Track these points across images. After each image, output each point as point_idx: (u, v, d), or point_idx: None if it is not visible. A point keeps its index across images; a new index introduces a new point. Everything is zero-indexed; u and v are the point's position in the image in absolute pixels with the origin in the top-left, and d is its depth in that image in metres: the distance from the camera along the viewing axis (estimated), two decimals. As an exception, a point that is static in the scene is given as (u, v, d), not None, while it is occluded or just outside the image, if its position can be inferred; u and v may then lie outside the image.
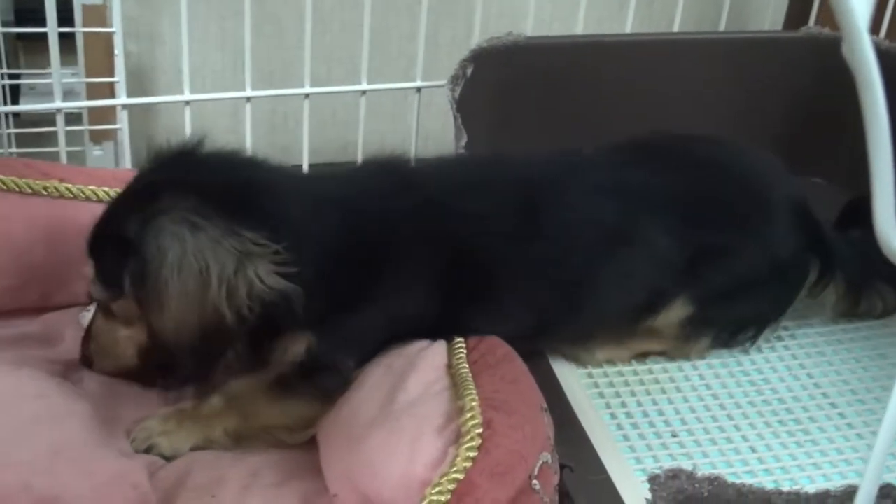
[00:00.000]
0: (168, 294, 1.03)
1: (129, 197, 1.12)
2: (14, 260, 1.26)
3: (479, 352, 1.16)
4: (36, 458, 1.02)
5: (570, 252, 1.26)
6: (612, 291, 1.30)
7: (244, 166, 1.17)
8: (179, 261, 1.02)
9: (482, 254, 1.22)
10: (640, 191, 1.30)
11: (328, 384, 1.15)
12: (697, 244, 1.29)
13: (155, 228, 1.03)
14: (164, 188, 1.07)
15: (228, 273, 1.03)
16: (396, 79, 2.07)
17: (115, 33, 1.55)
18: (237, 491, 1.08)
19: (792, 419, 1.28)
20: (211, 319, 1.04)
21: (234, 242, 1.04)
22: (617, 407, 1.29)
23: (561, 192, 1.28)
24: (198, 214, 1.03)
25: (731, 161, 1.39)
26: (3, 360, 1.17)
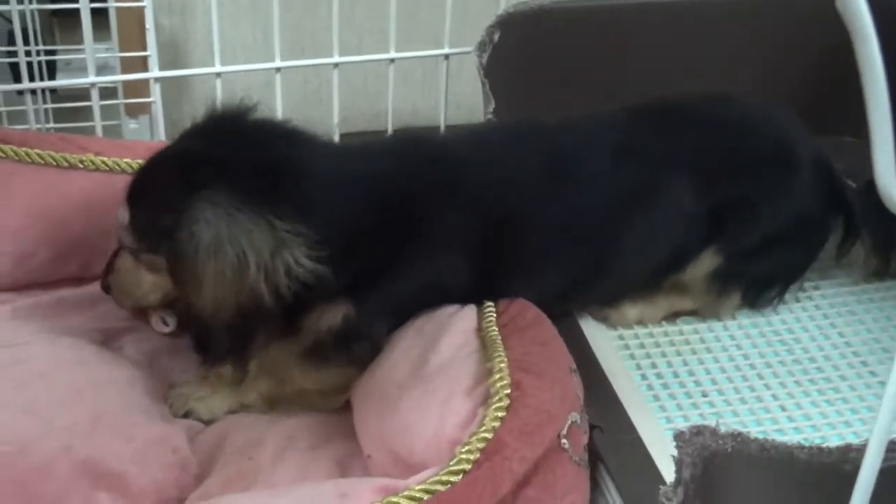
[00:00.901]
0: (206, 277, 1.05)
1: (172, 165, 1.12)
2: (53, 232, 1.29)
3: (509, 315, 1.17)
4: (77, 423, 1.05)
5: (597, 211, 1.28)
6: (639, 248, 1.31)
7: (281, 141, 1.17)
8: (216, 248, 1.04)
9: (512, 218, 1.23)
10: (661, 149, 1.31)
11: (362, 352, 1.17)
12: (721, 198, 1.30)
13: (191, 216, 1.04)
14: (205, 169, 1.08)
15: (265, 258, 1.05)
16: (426, 46, 2.07)
17: (145, 7, 1.56)
18: (273, 453, 1.10)
19: (822, 377, 1.29)
20: (248, 300, 1.06)
21: (267, 232, 1.05)
22: (647, 367, 1.30)
23: (585, 153, 1.29)
24: (232, 201, 1.05)
25: (750, 118, 1.39)
26: (44, 328, 1.20)
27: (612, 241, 1.29)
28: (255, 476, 1.07)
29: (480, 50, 1.53)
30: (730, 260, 1.32)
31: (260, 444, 1.12)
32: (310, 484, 1.04)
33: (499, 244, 1.23)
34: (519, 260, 1.25)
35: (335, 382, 1.18)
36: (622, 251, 1.30)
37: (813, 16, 1.71)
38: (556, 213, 1.26)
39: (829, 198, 1.37)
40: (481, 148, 1.30)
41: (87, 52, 1.48)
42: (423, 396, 1.05)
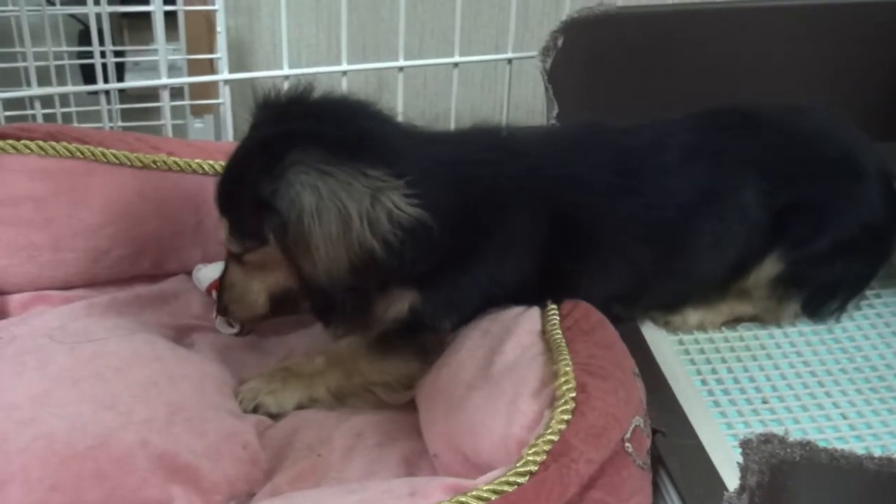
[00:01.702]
0: (314, 240, 1.07)
1: (254, 153, 1.14)
2: (128, 230, 1.33)
3: (573, 318, 1.19)
4: (153, 417, 1.08)
5: (665, 211, 1.29)
6: (705, 250, 1.33)
7: (354, 110, 1.19)
8: (318, 207, 1.06)
9: (584, 216, 1.26)
10: (729, 153, 1.32)
11: (426, 343, 1.20)
12: (787, 203, 1.32)
13: (287, 183, 1.07)
14: (288, 142, 1.10)
15: (366, 207, 1.07)
16: (487, 48, 2.09)
17: (216, 11, 1.59)
18: (342, 450, 1.13)
19: (884, 386, 1.29)
20: (360, 254, 1.08)
21: (363, 181, 1.07)
22: (708, 373, 1.31)
23: (655, 154, 1.31)
24: (324, 162, 1.07)
25: (818, 127, 1.40)
26: (119, 324, 1.23)
27: (678, 241, 1.31)
28: (325, 472, 1.10)
29: (544, 55, 1.55)
30: (793, 266, 1.33)
31: (328, 441, 1.15)
32: (379, 481, 1.06)
33: (569, 242, 1.25)
34: (588, 258, 1.27)
35: (400, 374, 1.21)
36: (689, 252, 1.32)
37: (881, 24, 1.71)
38: (626, 212, 1.28)
39: (891, 213, 1.38)
40: (554, 146, 1.33)
41: (159, 54, 1.52)
42: (489, 397, 1.07)
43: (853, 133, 1.40)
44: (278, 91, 1.20)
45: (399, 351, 1.21)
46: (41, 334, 1.20)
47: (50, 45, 1.60)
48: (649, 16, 1.67)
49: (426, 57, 2.09)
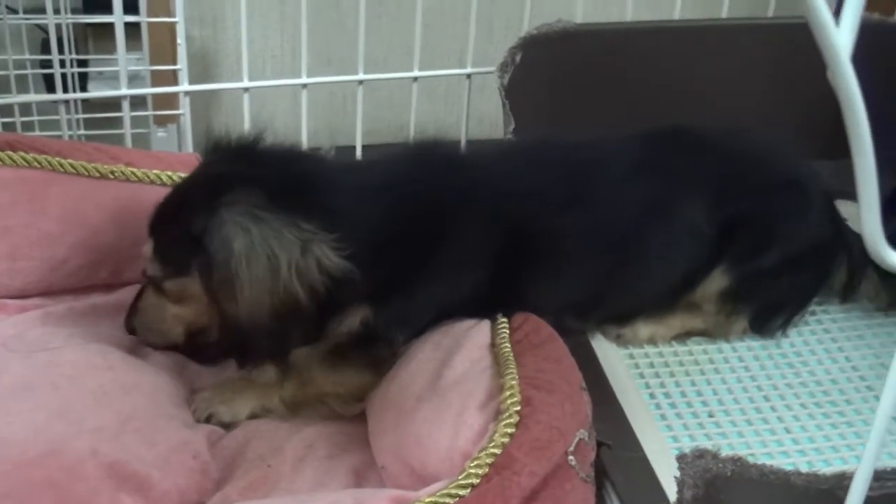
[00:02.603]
0: (239, 283, 1.09)
1: (194, 188, 1.18)
2: (86, 240, 1.34)
3: (523, 332, 1.20)
4: (104, 426, 1.09)
5: (615, 225, 1.32)
6: (654, 263, 1.36)
7: (299, 160, 1.23)
8: (248, 251, 1.08)
9: (535, 229, 1.28)
10: (676, 170, 1.36)
11: (379, 355, 1.22)
12: (733, 218, 1.35)
13: (220, 222, 1.09)
14: (228, 183, 1.13)
15: (296, 257, 1.09)
16: (451, 62, 2.11)
17: (178, 23, 1.60)
18: (292, 462, 1.14)
19: (828, 400, 1.32)
20: (284, 301, 1.11)
21: (295, 231, 1.10)
22: (656, 387, 1.33)
23: (605, 170, 1.34)
24: (259, 207, 1.10)
25: (765, 149, 1.43)
26: (75, 334, 1.24)
27: (628, 254, 1.34)
28: (275, 483, 1.11)
29: (502, 70, 1.57)
30: (740, 281, 1.36)
31: (279, 451, 1.16)
32: (327, 493, 1.07)
33: (521, 254, 1.27)
34: (540, 270, 1.29)
35: (353, 385, 1.22)
36: (638, 264, 1.35)
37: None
38: (576, 225, 1.30)
39: (834, 233, 1.41)
40: (503, 161, 1.35)
41: (120, 65, 1.53)
42: (437, 410, 1.09)
43: (795, 155, 1.44)
44: (229, 136, 1.22)
45: (352, 363, 1.22)
46: (-4, 343, 1.21)
47: (10, 53, 1.60)
48: (607, 33, 1.69)
49: (391, 69, 2.11)
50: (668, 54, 1.71)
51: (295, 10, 2.04)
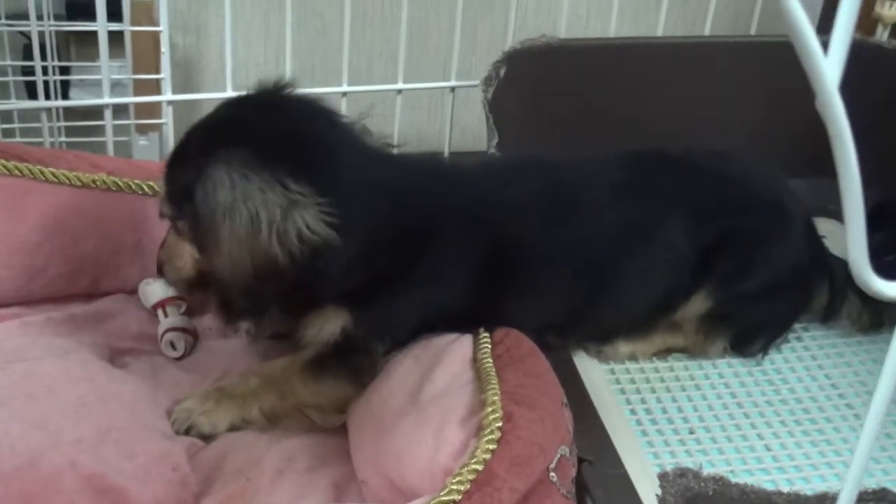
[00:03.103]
0: (221, 236, 1.10)
1: (200, 131, 1.18)
2: (66, 248, 1.33)
3: (504, 346, 1.20)
4: (83, 438, 1.08)
5: (596, 243, 1.33)
6: (634, 283, 1.36)
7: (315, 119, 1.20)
8: (230, 207, 1.09)
9: (518, 245, 1.28)
10: (658, 192, 1.36)
11: (359, 366, 1.21)
12: (715, 243, 1.35)
13: (206, 176, 1.10)
14: (226, 134, 1.14)
15: (276, 218, 1.09)
16: (435, 73, 2.12)
17: (161, 31, 1.60)
18: (272, 475, 1.13)
19: (808, 418, 1.32)
20: (263, 259, 1.10)
21: (280, 192, 1.10)
22: (637, 403, 1.33)
23: (588, 190, 1.35)
24: (247, 164, 1.09)
25: (747, 173, 1.44)
26: (54, 344, 1.23)
27: (608, 273, 1.34)
28: (253, 496, 1.10)
29: (486, 84, 1.57)
30: (721, 303, 1.36)
31: (259, 464, 1.15)
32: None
33: (504, 270, 1.27)
34: (522, 286, 1.29)
35: (333, 396, 1.22)
36: (618, 283, 1.35)
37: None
38: (559, 243, 1.31)
39: (815, 257, 1.43)
40: (493, 176, 1.36)
41: (103, 73, 1.52)
42: (417, 424, 1.08)
43: (778, 178, 1.45)
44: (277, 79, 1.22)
45: (332, 373, 1.22)
46: (-27, 352, 1.20)
47: (-6, 59, 1.60)
48: (590, 48, 1.70)
49: (374, 80, 2.11)
50: (651, 70, 1.72)
51: (279, 20, 2.03)
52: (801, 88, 1.83)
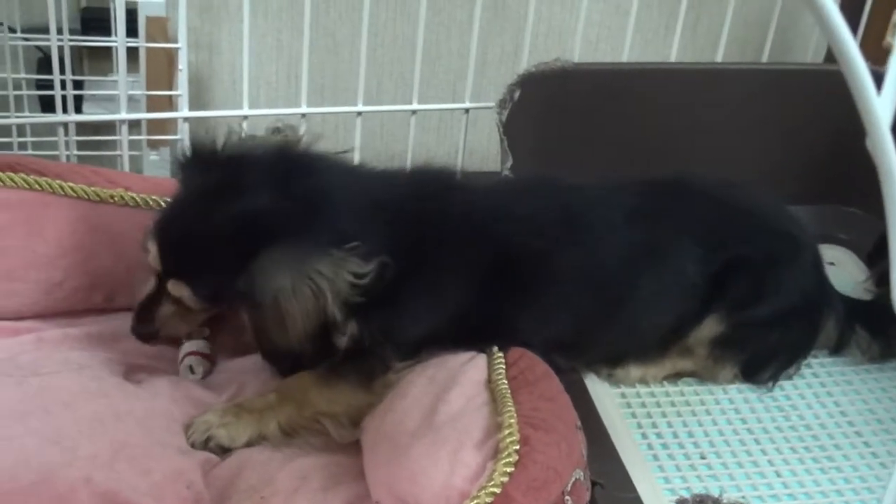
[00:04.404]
0: (289, 316, 1.15)
1: (219, 231, 1.19)
2: (82, 263, 1.33)
3: (518, 368, 1.21)
4: (98, 454, 1.08)
5: (608, 265, 1.34)
6: (644, 306, 1.37)
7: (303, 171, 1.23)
8: (294, 292, 1.14)
9: (529, 261, 1.29)
10: (670, 217, 1.38)
11: (371, 371, 1.23)
12: (725, 268, 1.36)
13: (265, 278, 1.14)
14: (256, 225, 1.17)
15: (334, 282, 1.15)
16: (444, 94, 2.13)
17: (179, 49, 1.61)
18: (286, 493, 1.13)
19: (817, 445, 1.33)
20: (325, 321, 1.16)
21: (327, 258, 1.15)
22: (648, 427, 1.33)
23: (601, 211, 1.36)
24: (293, 249, 1.15)
25: (758, 201, 1.46)
26: (70, 359, 1.23)
27: (619, 295, 1.35)
28: (267, 514, 1.11)
29: (501, 107, 1.58)
30: (733, 329, 1.37)
31: (272, 482, 1.15)
32: (322, 526, 1.07)
33: (513, 285, 1.28)
34: (531, 303, 1.30)
35: (347, 403, 1.23)
36: (628, 306, 1.36)
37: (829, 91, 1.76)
38: (570, 262, 1.32)
39: (823, 290, 1.45)
40: (505, 192, 1.39)
41: (120, 88, 1.53)
42: (432, 446, 1.08)
43: (786, 210, 1.47)
44: (207, 145, 1.24)
45: (345, 378, 1.23)
46: (-12, 366, 1.20)
47: (10, 72, 1.60)
48: (605, 73, 1.71)
49: (384, 99, 2.13)
50: (665, 96, 1.73)
51: (291, 38, 2.05)
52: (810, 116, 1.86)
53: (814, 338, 1.46)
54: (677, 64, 1.83)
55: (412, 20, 1.73)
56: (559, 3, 2.11)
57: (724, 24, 1.88)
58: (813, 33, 2.05)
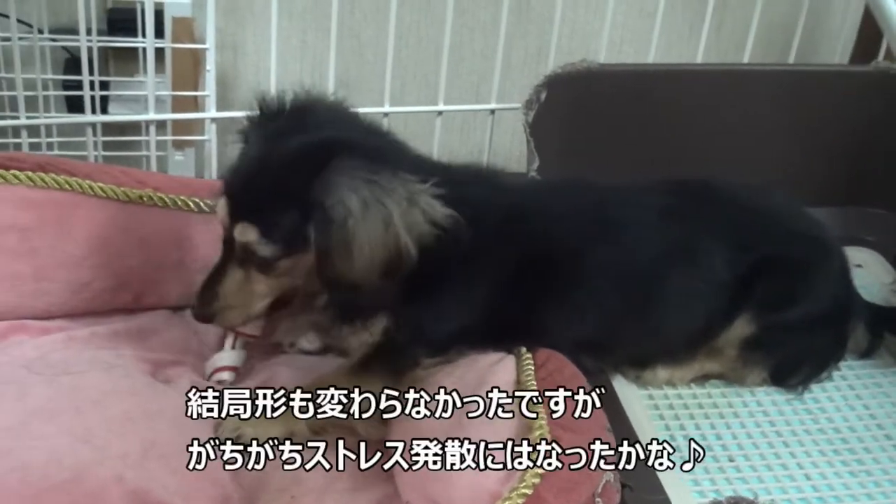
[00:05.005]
0: (358, 241, 1.10)
1: (293, 159, 1.15)
2: (111, 263, 1.34)
3: (547, 370, 1.20)
4: (129, 453, 1.09)
5: (638, 263, 1.34)
6: (673, 304, 1.36)
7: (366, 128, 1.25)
8: (364, 211, 1.10)
9: (560, 257, 1.30)
10: (700, 217, 1.37)
11: (400, 366, 1.22)
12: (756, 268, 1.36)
13: (336, 185, 1.10)
14: (328, 149, 1.14)
15: (406, 210, 1.12)
16: (468, 95, 2.13)
17: (207, 49, 1.61)
18: (316, 493, 1.14)
19: (846, 448, 1.33)
20: (396, 253, 1.13)
21: (401, 186, 1.12)
22: (676, 429, 1.33)
23: (631, 210, 1.36)
24: (367, 169, 1.11)
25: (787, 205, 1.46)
26: (99, 358, 1.24)
27: (648, 294, 1.35)
28: (298, 514, 1.11)
29: (527, 108, 1.58)
30: (763, 331, 1.36)
31: (302, 483, 1.15)
32: (352, 527, 1.07)
33: (542, 283, 1.28)
34: (560, 300, 1.30)
35: None
36: (658, 305, 1.36)
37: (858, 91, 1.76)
38: (601, 258, 1.32)
39: (851, 295, 1.45)
40: (537, 190, 1.40)
41: (148, 89, 1.54)
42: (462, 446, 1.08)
43: (812, 217, 1.46)
44: (275, 100, 1.23)
45: (374, 371, 1.23)
46: (19, 365, 1.21)
47: (39, 73, 1.61)
48: (630, 74, 1.71)
49: (407, 100, 2.13)
50: (689, 96, 1.72)
51: (316, 38, 2.05)
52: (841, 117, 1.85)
53: (844, 343, 1.45)
54: (704, 65, 1.83)
55: (437, 22, 1.73)
56: (583, 4, 2.11)
57: (748, 26, 1.87)
58: (840, 34, 2.04)
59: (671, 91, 1.71)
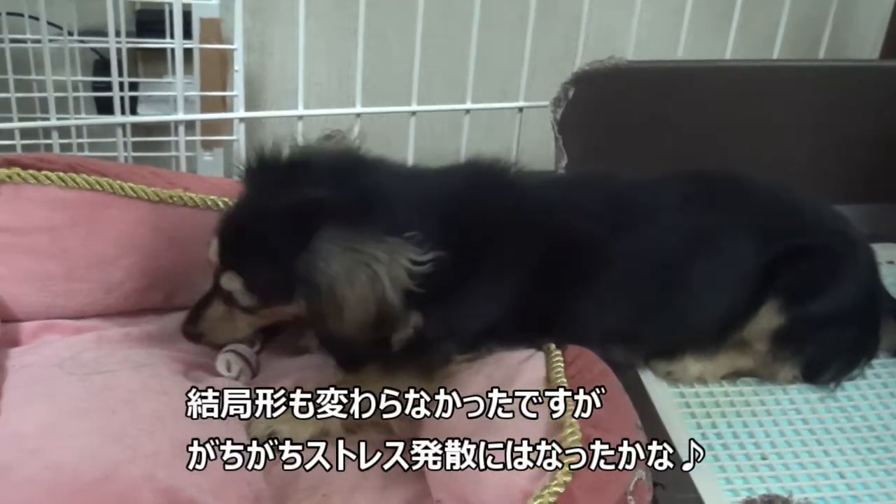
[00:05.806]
0: (347, 303, 1.14)
1: (278, 221, 1.19)
2: (142, 263, 1.34)
3: (577, 367, 1.20)
4: (160, 452, 1.09)
5: (664, 249, 1.34)
6: (700, 290, 1.37)
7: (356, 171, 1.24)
8: (350, 277, 1.13)
9: (587, 247, 1.30)
10: (726, 205, 1.39)
11: (430, 362, 1.23)
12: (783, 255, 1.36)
13: (321, 258, 1.14)
14: (311, 213, 1.16)
15: (391, 268, 1.14)
16: (494, 93, 2.11)
17: (235, 50, 1.62)
18: (346, 491, 1.14)
19: (881, 446, 1.31)
20: (384, 308, 1.15)
21: (384, 247, 1.15)
22: (708, 427, 1.32)
23: (655, 199, 1.37)
24: (351, 237, 1.15)
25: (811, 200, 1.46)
26: (130, 357, 1.24)
27: (675, 279, 1.35)
28: (329, 513, 1.11)
29: (555, 105, 1.58)
30: (792, 322, 1.36)
31: (333, 481, 1.15)
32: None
33: (569, 274, 1.28)
34: (588, 291, 1.31)
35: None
36: (685, 294, 1.36)
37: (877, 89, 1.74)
38: (626, 247, 1.32)
39: (879, 292, 1.44)
40: (560, 184, 1.42)
41: (177, 90, 1.54)
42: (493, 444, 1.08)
43: (836, 210, 1.46)
44: (272, 151, 1.25)
45: (406, 368, 1.24)
46: (51, 364, 1.21)
47: (69, 75, 1.62)
48: (659, 71, 1.70)
49: (434, 99, 2.11)
50: (718, 93, 1.71)
51: (342, 39, 2.05)
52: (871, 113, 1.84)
53: (876, 338, 1.44)
54: (732, 61, 1.82)
55: (463, 20, 1.73)
56: (611, 2, 2.10)
57: (776, 23, 1.86)
58: (870, 29, 2.02)
59: (700, 88, 1.70)
